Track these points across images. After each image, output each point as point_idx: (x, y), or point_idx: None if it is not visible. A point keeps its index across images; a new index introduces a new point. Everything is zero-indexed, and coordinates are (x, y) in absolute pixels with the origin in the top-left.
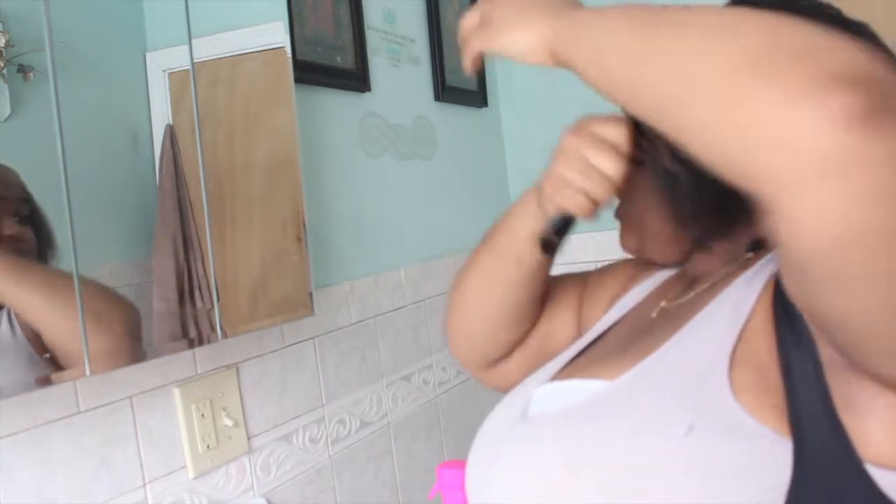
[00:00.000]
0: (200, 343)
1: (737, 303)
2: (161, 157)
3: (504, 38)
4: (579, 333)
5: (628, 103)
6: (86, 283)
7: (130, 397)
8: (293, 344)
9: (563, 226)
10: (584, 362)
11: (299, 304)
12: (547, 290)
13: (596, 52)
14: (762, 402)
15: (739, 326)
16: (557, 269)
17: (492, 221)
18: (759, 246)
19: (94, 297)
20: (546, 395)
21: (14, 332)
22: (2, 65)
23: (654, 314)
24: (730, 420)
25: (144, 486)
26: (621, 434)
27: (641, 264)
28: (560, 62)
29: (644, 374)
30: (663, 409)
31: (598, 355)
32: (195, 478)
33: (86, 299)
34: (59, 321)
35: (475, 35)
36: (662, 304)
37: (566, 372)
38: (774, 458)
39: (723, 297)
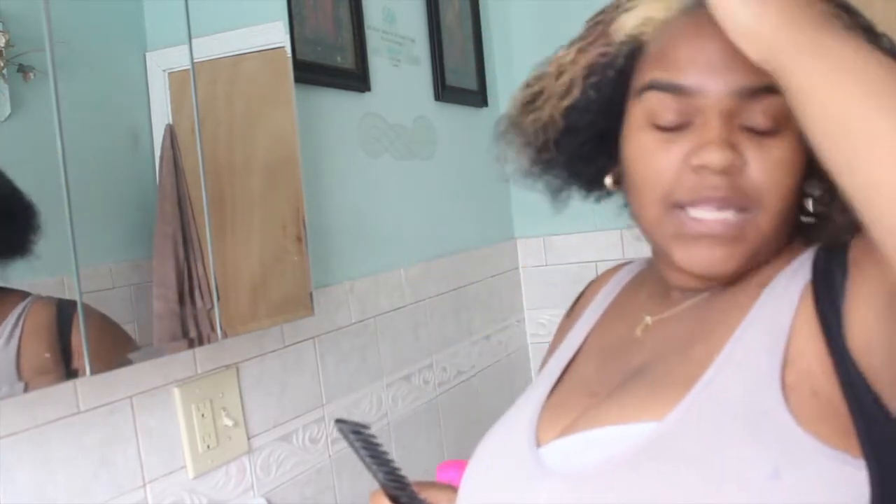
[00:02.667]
0: (200, 343)
1: (770, 324)
2: (161, 157)
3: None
4: None
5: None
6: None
7: (130, 397)
8: (293, 344)
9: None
10: (575, 398)
11: (299, 304)
12: None
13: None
14: (827, 425)
15: (782, 350)
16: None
17: (492, 221)
18: None
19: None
20: (573, 446)
21: (8, 343)
22: (2, 65)
23: (638, 332)
24: (807, 452)
25: (144, 486)
26: (696, 482)
27: (576, 310)
28: (773, 58)
29: (696, 410)
30: (735, 450)
31: (588, 390)
32: (195, 478)
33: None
34: None
35: None
36: (647, 320)
37: (556, 409)
38: (854, 481)
39: (748, 319)
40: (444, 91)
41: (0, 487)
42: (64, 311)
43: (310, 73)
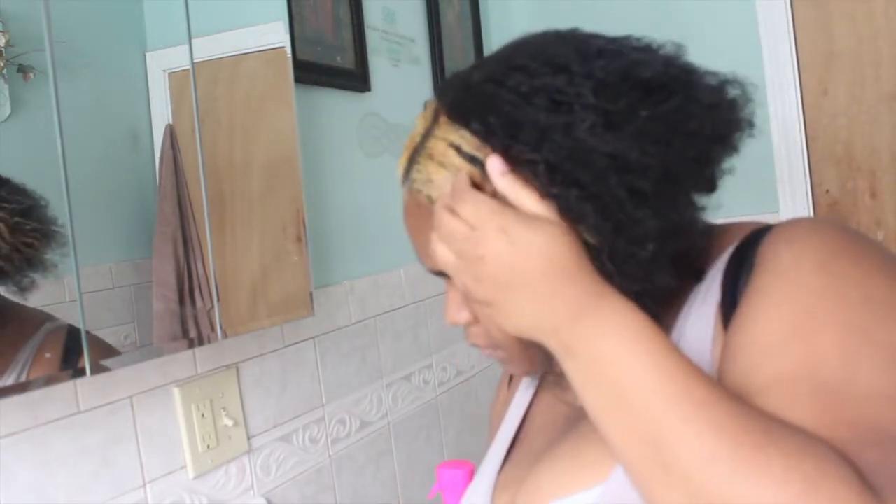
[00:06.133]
0: (200, 343)
1: (691, 352)
2: (161, 157)
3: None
4: None
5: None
6: None
7: (130, 397)
8: (293, 344)
9: None
10: (518, 477)
11: (299, 304)
12: None
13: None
14: None
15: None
16: None
17: None
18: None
19: None
20: None
21: (19, 377)
22: (2, 65)
23: (578, 403)
24: None
25: (144, 486)
26: None
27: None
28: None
29: None
30: None
31: (534, 466)
32: (195, 478)
33: None
34: None
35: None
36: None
37: (508, 485)
38: None
39: None
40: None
41: (0, 487)
42: (71, 336)
43: (310, 73)
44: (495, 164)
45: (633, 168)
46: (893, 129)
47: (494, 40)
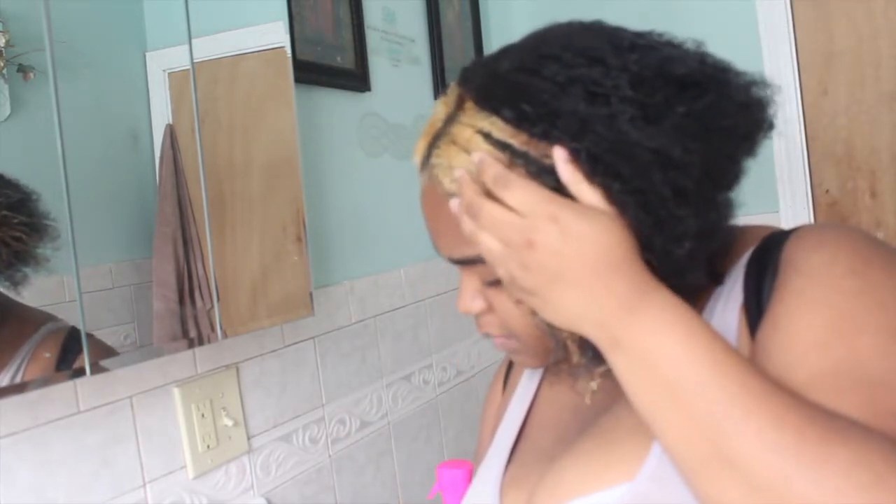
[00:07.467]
0: (200, 343)
1: None
2: (161, 157)
3: (555, 295)
4: None
5: (647, 422)
6: None
7: (130, 397)
8: (293, 344)
9: None
10: (537, 472)
11: (299, 303)
12: None
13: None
14: None
15: None
16: None
17: None
18: None
19: None
20: None
21: (14, 378)
22: (2, 65)
23: (588, 400)
24: None
25: (144, 485)
26: None
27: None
28: (613, 349)
29: (667, 459)
30: None
31: (551, 464)
32: (195, 478)
33: None
34: None
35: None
36: (593, 385)
37: (518, 483)
38: None
39: None
40: (444, 90)
41: (0, 487)
42: (70, 337)
43: (310, 73)
44: (560, 153)
45: (676, 165)
46: (893, 129)
47: (494, 40)
